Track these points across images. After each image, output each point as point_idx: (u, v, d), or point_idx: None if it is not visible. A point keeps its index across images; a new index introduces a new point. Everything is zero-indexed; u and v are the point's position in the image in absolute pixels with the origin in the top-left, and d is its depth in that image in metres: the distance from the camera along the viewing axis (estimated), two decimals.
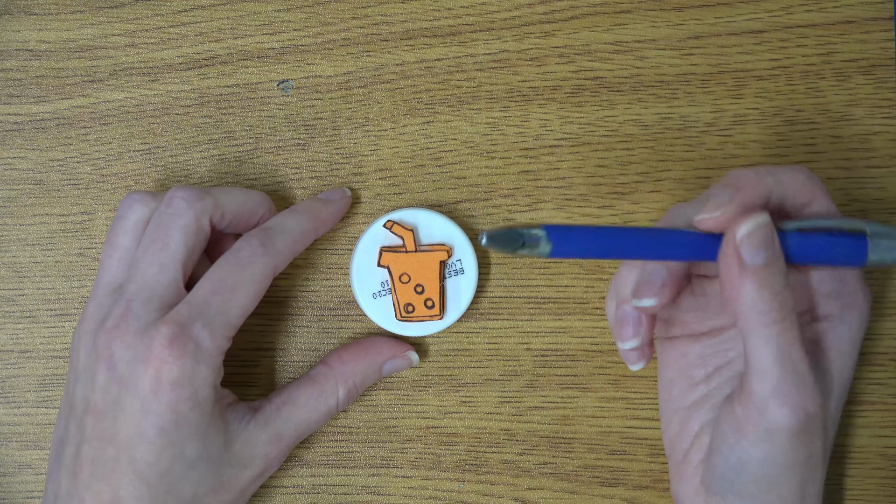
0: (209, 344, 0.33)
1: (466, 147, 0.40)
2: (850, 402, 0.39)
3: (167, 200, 0.35)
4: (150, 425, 0.32)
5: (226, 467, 0.34)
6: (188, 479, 0.33)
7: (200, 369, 0.33)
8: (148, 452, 0.33)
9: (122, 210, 0.36)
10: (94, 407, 0.33)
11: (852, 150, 0.40)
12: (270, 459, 0.36)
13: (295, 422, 0.36)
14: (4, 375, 0.40)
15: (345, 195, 0.39)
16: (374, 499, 0.40)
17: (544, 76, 0.40)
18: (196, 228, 0.35)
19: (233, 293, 0.34)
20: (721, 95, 0.40)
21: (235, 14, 0.41)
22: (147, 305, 0.33)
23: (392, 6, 0.40)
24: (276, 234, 0.36)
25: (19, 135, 0.41)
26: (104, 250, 0.36)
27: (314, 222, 0.37)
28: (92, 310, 0.35)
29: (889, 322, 0.39)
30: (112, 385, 0.33)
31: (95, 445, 0.33)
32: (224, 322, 0.34)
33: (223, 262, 0.35)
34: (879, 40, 0.40)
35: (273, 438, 0.36)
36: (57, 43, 0.41)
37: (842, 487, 0.39)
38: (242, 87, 0.41)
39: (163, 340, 0.32)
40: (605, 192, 0.40)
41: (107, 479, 0.33)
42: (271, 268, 0.35)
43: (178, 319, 0.33)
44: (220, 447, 0.34)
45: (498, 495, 0.40)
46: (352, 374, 0.38)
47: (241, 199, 0.37)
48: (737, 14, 0.40)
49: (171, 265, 0.34)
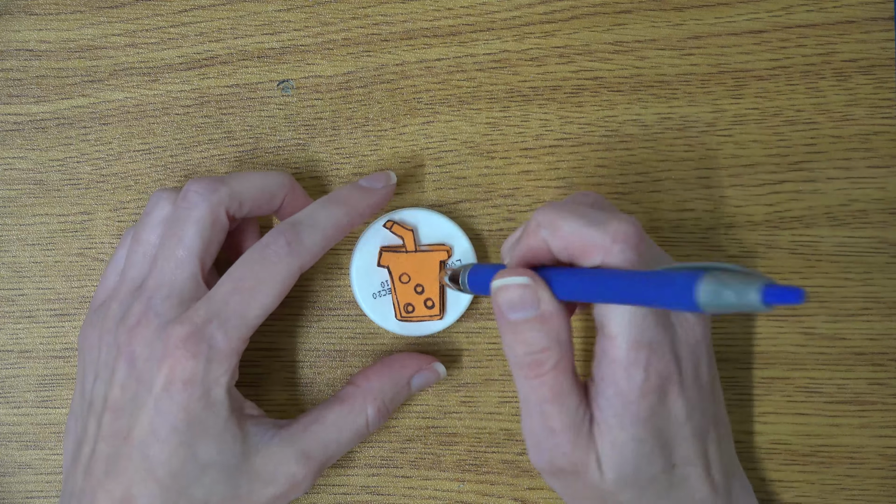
0: (223, 345, 0.33)
1: (466, 147, 0.40)
2: (850, 402, 0.39)
3: (182, 195, 0.35)
4: (162, 423, 0.32)
5: (243, 478, 0.33)
6: (201, 483, 0.33)
7: (213, 369, 0.33)
8: (160, 451, 0.32)
9: (149, 207, 0.36)
10: (113, 403, 0.33)
11: (852, 150, 0.40)
12: (298, 480, 0.34)
13: (323, 441, 0.35)
14: (4, 375, 0.40)
15: (388, 182, 0.37)
16: (373, 499, 0.40)
17: (544, 76, 0.40)
18: (211, 221, 0.34)
19: (253, 293, 0.33)
20: (721, 95, 0.40)
21: (235, 14, 0.41)
22: (166, 302, 0.33)
23: (392, 6, 0.40)
24: (305, 231, 0.34)
25: (19, 135, 0.41)
26: (130, 246, 0.36)
27: (350, 216, 0.35)
28: (115, 307, 0.35)
29: (889, 322, 0.39)
30: (130, 381, 0.33)
31: (111, 442, 0.33)
32: (240, 323, 0.33)
33: (247, 258, 0.34)
34: (879, 40, 0.40)
35: (300, 457, 0.34)
36: (57, 43, 0.41)
37: (842, 487, 0.39)
38: (242, 87, 0.41)
39: (177, 340, 0.32)
40: (605, 192, 0.40)
41: (119, 476, 0.33)
42: (297, 267, 0.34)
43: (194, 318, 0.33)
44: (237, 455, 0.33)
45: (498, 495, 0.40)
46: (380, 392, 0.37)
47: (259, 183, 0.36)
48: (737, 14, 0.40)
49: (189, 260, 0.34)
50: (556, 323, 0.31)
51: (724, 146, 0.40)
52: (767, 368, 0.39)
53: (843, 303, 0.39)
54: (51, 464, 0.40)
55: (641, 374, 0.30)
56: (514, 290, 0.31)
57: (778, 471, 0.39)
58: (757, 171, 0.40)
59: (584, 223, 0.30)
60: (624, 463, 0.31)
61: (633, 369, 0.30)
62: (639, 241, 0.30)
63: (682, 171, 0.40)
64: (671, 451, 0.32)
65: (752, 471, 0.39)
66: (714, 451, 0.33)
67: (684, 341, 0.32)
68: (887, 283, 0.39)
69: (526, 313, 0.31)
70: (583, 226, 0.30)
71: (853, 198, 0.40)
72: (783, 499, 0.39)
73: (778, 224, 0.40)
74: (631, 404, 0.31)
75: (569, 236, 0.30)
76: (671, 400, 0.31)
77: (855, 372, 0.39)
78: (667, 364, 0.31)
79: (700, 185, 0.40)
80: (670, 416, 0.31)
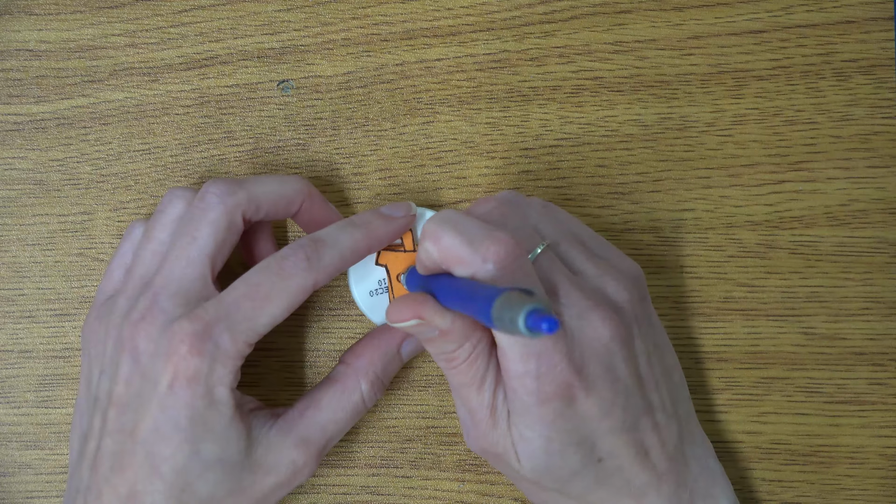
0: (229, 347, 0.33)
1: (466, 147, 0.40)
2: (850, 402, 0.39)
3: (200, 195, 0.35)
4: (166, 419, 0.32)
5: (246, 472, 0.34)
6: (205, 479, 0.33)
7: (216, 369, 0.33)
8: (164, 447, 0.32)
9: (162, 205, 0.36)
10: (118, 399, 0.33)
11: (852, 150, 0.40)
12: (299, 467, 0.35)
13: (321, 424, 0.35)
14: (4, 375, 0.40)
15: (409, 213, 0.37)
16: (373, 499, 0.40)
17: (544, 76, 0.40)
18: (227, 224, 0.34)
19: (265, 301, 0.33)
20: (721, 95, 0.40)
21: (235, 14, 0.41)
22: (173, 299, 0.33)
23: (392, 6, 0.40)
24: (325, 249, 0.34)
25: (19, 135, 0.41)
26: (140, 243, 0.36)
27: (369, 241, 0.36)
28: (122, 302, 0.35)
29: (889, 322, 0.39)
30: (135, 377, 0.33)
31: (116, 438, 0.33)
32: (249, 328, 0.33)
33: (264, 266, 0.34)
34: (879, 40, 0.40)
35: (299, 444, 0.35)
36: (57, 43, 0.41)
37: (842, 487, 0.39)
38: (242, 87, 0.41)
39: (183, 336, 0.32)
40: (605, 192, 0.40)
41: (125, 473, 0.33)
42: (311, 283, 0.34)
43: (203, 317, 0.33)
44: (240, 451, 0.33)
45: (498, 495, 0.40)
46: (370, 365, 0.37)
47: (277, 189, 0.36)
48: (737, 14, 0.40)
49: (199, 260, 0.34)
50: (456, 332, 0.32)
51: (724, 146, 0.40)
52: (767, 368, 0.39)
53: (843, 303, 0.39)
54: (51, 464, 0.40)
55: (534, 384, 0.31)
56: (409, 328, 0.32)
57: (778, 471, 0.39)
58: (757, 171, 0.40)
59: (461, 241, 0.31)
60: (535, 458, 0.33)
61: (525, 379, 0.31)
62: (508, 261, 0.31)
63: (682, 171, 0.40)
64: (592, 447, 0.33)
65: (752, 471, 0.39)
66: (652, 438, 0.34)
67: (587, 344, 0.32)
68: (887, 283, 0.39)
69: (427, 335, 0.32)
70: (459, 244, 0.31)
71: (853, 198, 0.40)
72: (783, 499, 0.39)
73: (778, 224, 0.40)
74: (532, 409, 0.32)
75: (446, 251, 0.32)
76: (579, 403, 0.32)
77: (855, 372, 0.39)
78: (561, 371, 0.31)
79: (700, 185, 0.40)
80: (583, 417, 0.32)
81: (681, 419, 0.36)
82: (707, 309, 0.40)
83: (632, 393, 0.33)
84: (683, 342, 0.40)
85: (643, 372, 0.34)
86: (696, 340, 0.40)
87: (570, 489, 0.34)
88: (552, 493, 0.34)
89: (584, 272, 0.34)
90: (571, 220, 0.37)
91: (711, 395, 0.40)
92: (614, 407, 0.33)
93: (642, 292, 0.36)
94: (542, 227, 0.35)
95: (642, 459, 0.34)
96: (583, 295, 0.33)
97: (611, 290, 0.34)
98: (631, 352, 0.34)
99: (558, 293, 0.33)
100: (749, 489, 0.39)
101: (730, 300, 0.40)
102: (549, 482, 0.34)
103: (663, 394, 0.35)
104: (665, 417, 0.35)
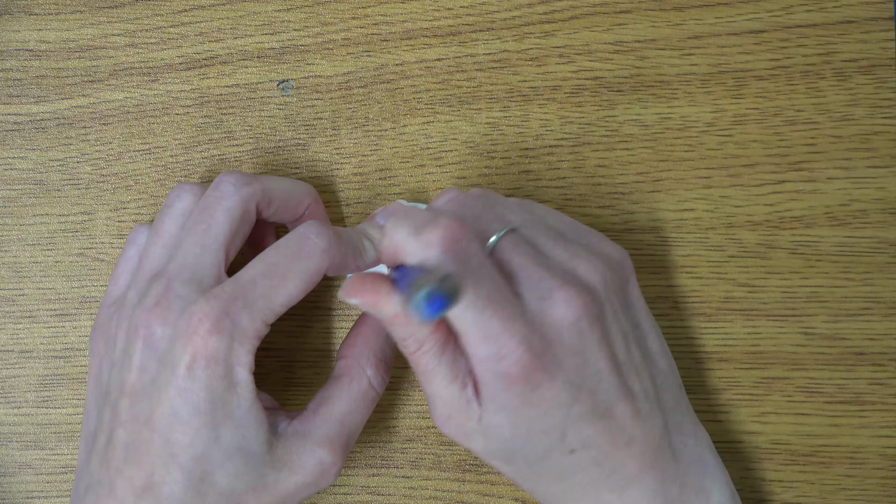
0: (247, 325, 0.32)
1: (466, 147, 0.40)
2: (850, 402, 0.39)
3: (215, 184, 0.35)
4: (184, 404, 0.31)
5: (267, 468, 0.33)
6: (225, 469, 0.32)
7: (235, 348, 0.32)
8: (182, 433, 0.31)
9: (169, 199, 0.36)
10: (131, 388, 0.32)
11: (852, 150, 0.40)
12: (326, 465, 0.34)
13: (337, 418, 0.35)
14: (4, 375, 0.41)
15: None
16: (373, 499, 0.40)
17: (544, 76, 0.40)
18: (242, 213, 0.34)
19: (283, 280, 0.33)
20: (721, 95, 0.40)
21: (235, 14, 0.41)
22: (188, 286, 0.33)
23: (392, 6, 0.40)
24: (342, 236, 0.34)
25: (19, 135, 0.41)
26: (149, 238, 0.35)
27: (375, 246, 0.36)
28: (132, 295, 0.34)
29: (889, 322, 0.39)
30: (150, 363, 0.32)
31: (130, 428, 0.32)
32: (266, 307, 0.32)
33: (282, 245, 0.33)
34: (879, 40, 0.40)
35: (322, 442, 0.34)
36: (57, 43, 0.41)
37: (842, 487, 0.39)
38: (242, 87, 0.41)
39: (202, 316, 0.31)
40: (605, 192, 0.40)
41: (140, 462, 0.32)
42: (326, 266, 0.34)
43: (221, 296, 0.32)
44: (261, 443, 0.33)
45: (498, 495, 0.40)
46: (368, 350, 0.36)
47: (288, 187, 0.36)
48: (737, 14, 0.40)
49: (214, 247, 0.34)
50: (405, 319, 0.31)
51: (724, 146, 0.40)
52: (767, 368, 0.39)
53: (843, 303, 0.39)
54: (51, 464, 0.40)
55: (496, 367, 0.31)
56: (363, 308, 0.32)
57: (778, 471, 0.39)
58: (757, 171, 0.40)
59: (406, 230, 0.31)
60: (502, 440, 0.32)
61: (488, 363, 0.31)
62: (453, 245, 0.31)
63: (683, 171, 0.40)
64: (563, 435, 0.32)
65: (752, 471, 0.39)
66: (633, 427, 0.32)
67: (551, 326, 0.31)
68: (887, 283, 0.39)
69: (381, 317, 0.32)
70: (406, 233, 0.31)
71: (853, 198, 0.40)
72: (783, 499, 0.39)
73: (778, 224, 0.40)
74: (497, 394, 0.31)
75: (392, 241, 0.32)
76: (545, 387, 0.31)
77: (855, 372, 0.39)
78: (520, 355, 0.30)
79: (700, 185, 0.40)
80: (550, 402, 0.31)
81: (666, 408, 0.34)
82: (707, 309, 0.40)
83: (605, 378, 0.32)
84: (683, 342, 0.40)
85: (619, 356, 0.33)
86: (697, 340, 0.40)
87: (542, 474, 0.33)
88: (527, 473, 0.33)
89: (554, 256, 0.33)
90: (550, 211, 0.36)
91: (712, 395, 0.40)
92: (581, 392, 0.31)
93: (623, 275, 0.34)
94: (511, 215, 0.34)
95: (621, 450, 0.32)
96: (548, 275, 0.32)
97: (582, 271, 0.33)
98: (604, 334, 0.32)
99: (518, 275, 0.32)
100: (749, 489, 0.39)
101: (730, 300, 0.40)
102: (521, 466, 0.33)
103: (644, 380, 0.33)
104: (648, 405, 0.33)
